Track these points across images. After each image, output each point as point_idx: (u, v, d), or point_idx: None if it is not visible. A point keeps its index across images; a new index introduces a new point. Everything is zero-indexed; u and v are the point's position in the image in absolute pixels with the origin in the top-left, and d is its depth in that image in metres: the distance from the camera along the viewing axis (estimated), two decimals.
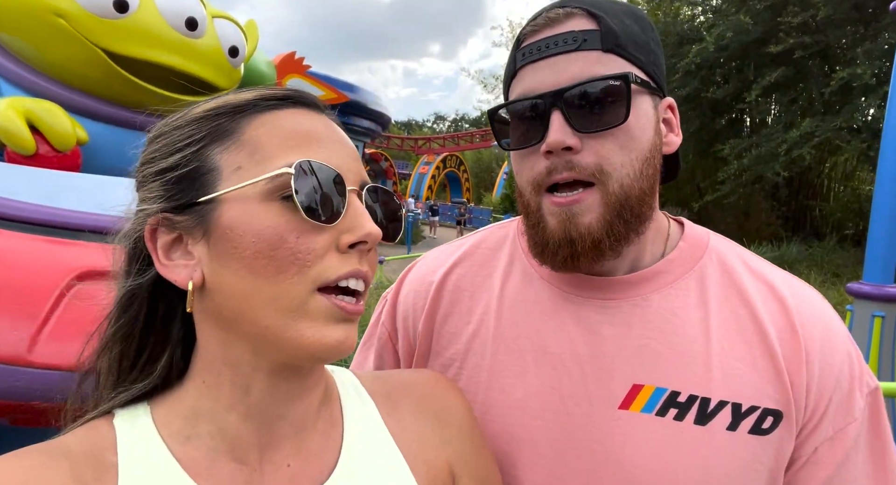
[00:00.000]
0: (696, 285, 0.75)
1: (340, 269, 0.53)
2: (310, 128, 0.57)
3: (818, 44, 10.56)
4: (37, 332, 1.57)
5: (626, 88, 0.69)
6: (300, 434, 0.59)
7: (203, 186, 0.54)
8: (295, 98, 0.58)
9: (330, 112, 0.61)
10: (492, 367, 0.78)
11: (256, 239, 0.51)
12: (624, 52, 0.71)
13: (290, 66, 10.09)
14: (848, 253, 11.68)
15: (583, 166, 0.70)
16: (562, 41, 0.71)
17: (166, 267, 0.55)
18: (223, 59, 3.04)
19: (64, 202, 2.09)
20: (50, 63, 2.61)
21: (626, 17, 0.74)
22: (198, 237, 0.54)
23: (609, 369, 0.73)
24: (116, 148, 2.96)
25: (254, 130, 0.55)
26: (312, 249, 0.52)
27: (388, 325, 0.91)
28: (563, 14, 0.72)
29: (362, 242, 0.54)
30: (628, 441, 0.70)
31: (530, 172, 0.74)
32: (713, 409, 0.68)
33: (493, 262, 0.87)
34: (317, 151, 0.55)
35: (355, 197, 0.56)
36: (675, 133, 0.79)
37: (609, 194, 0.70)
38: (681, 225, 0.84)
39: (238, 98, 0.58)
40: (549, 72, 0.71)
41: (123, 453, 0.53)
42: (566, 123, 0.69)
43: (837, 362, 0.70)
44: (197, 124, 0.57)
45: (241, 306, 0.53)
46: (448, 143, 31.15)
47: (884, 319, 3.63)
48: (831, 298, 7.55)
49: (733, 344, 0.71)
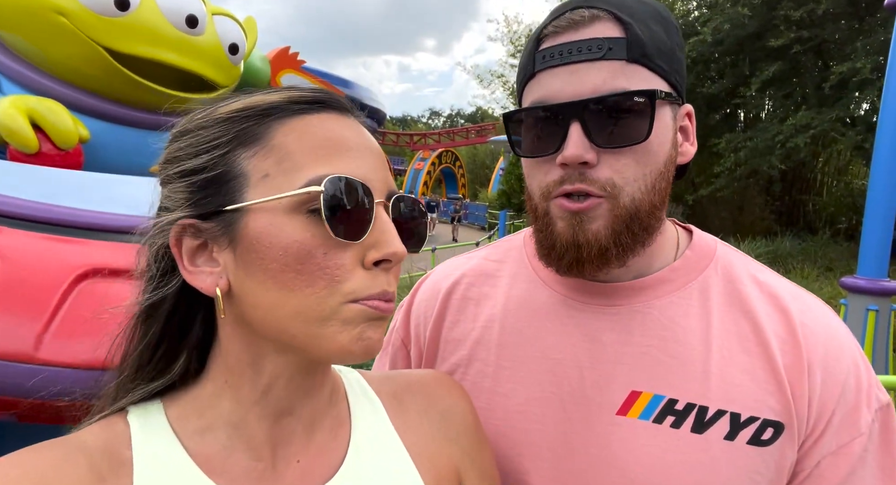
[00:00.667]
0: (699, 295, 0.75)
1: (371, 288, 0.53)
2: (339, 135, 0.55)
3: (815, 38, 10.58)
4: (43, 329, 1.58)
5: (650, 105, 0.67)
6: (309, 431, 0.60)
7: (229, 193, 0.53)
8: (325, 101, 0.57)
9: (359, 113, 0.60)
10: (495, 372, 0.80)
11: (283, 253, 0.51)
12: (649, 62, 0.69)
13: (284, 62, 10.00)
14: (841, 247, 11.75)
15: (596, 180, 0.69)
16: (585, 48, 0.68)
17: (192, 273, 0.54)
18: (223, 57, 3.04)
19: (67, 200, 2.09)
20: (51, 61, 2.61)
21: (652, 21, 0.70)
22: (223, 245, 0.53)
23: (608, 375, 0.73)
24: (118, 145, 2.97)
25: (283, 135, 0.53)
26: (341, 264, 0.52)
27: (401, 331, 0.93)
28: (588, 17, 0.68)
29: (387, 259, 0.53)
30: (625, 447, 0.70)
31: (543, 179, 0.73)
32: (711, 417, 0.68)
33: (499, 272, 0.88)
34: (346, 162, 0.53)
35: (382, 210, 0.55)
36: (690, 142, 0.77)
37: (619, 207, 0.69)
38: (689, 233, 0.83)
39: (267, 100, 0.55)
40: (569, 80, 0.68)
41: (138, 447, 0.54)
42: (585, 136, 0.67)
43: (842, 374, 0.68)
44: (224, 126, 0.54)
45: (266, 316, 0.53)
46: (443, 138, 31.10)
47: (878, 312, 3.67)
48: (825, 292, 7.60)
49: (734, 354, 0.70)
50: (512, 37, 19.58)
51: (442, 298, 0.88)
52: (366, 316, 0.53)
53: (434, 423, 0.68)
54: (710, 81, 11.93)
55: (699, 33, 11.04)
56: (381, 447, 0.63)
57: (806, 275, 8.75)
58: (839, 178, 14.91)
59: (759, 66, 10.90)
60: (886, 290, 3.67)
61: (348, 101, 0.59)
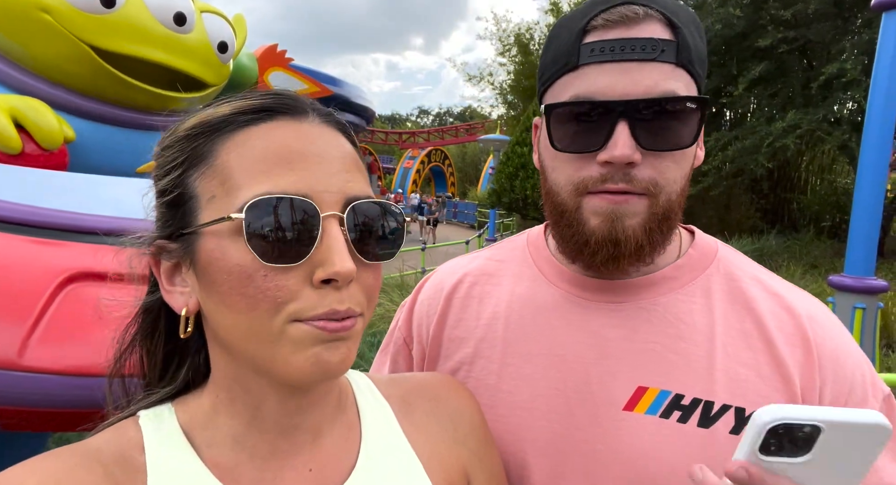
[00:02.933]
0: (702, 292, 0.76)
1: (316, 308, 0.50)
2: (284, 146, 0.52)
3: (800, 39, 10.71)
4: (27, 335, 1.54)
5: (700, 111, 0.68)
6: (317, 440, 0.60)
7: (186, 215, 0.53)
8: (274, 108, 0.54)
9: (318, 111, 0.57)
10: (500, 370, 0.80)
11: (228, 276, 0.50)
12: (692, 67, 0.69)
13: (272, 59, 9.93)
14: (825, 245, 11.92)
15: (639, 180, 0.69)
16: (640, 47, 0.67)
17: (168, 292, 0.56)
18: (212, 55, 2.99)
19: (52, 202, 2.05)
20: (35, 60, 2.55)
21: (693, 26, 0.71)
22: (188, 266, 0.54)
23: (614, 372, 0.73)
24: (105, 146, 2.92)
25: (226, 153, 0.52)
26: (284, 285, 0.50)
27: (404, 331, 0.94)
28: (641, 15, 0.67)
29: (334, 279, 0.50)
30: (633, 442, 0.70)
31: (577, 175, 0.72)
32: (716, 412, 0.69)
33: (502, 270, 0.89)
34: (288, 176, 0.50)
35: (333, 224, 0.51)
36: (700, 147, 0.78)
37: (657, 205, 0.70)
38: (691, 233, 0.85)
39: (216, 114, 0.54)
40: (620, 78, 0.67)
41: (151, 453, 0.54)
42: (632, 136, 0.67)
43: (850, 367, 0.71)
44: (180, 145, 0.55)
45: (227, 337, 0.53)
46: (433, 137, 31.09)
47: (865, 311, 3.72)
48: (810, 290, 7.68)
49: (738, 350, 0.71)
50: (501, 35, 19.62)
51: (445, 296, 0.89)
52: (317, 338, 0.51)
53: (442, 425, 0.69)
54: None
55: None
56: (391, 451, 0.63)
57: (791, 272, 8.85)
58: (823, 176, 15.12)
59: (746, 65, 11.00)
60: (873, 288, 3.72)
61: (306, 101, 0.57)
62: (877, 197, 3.79)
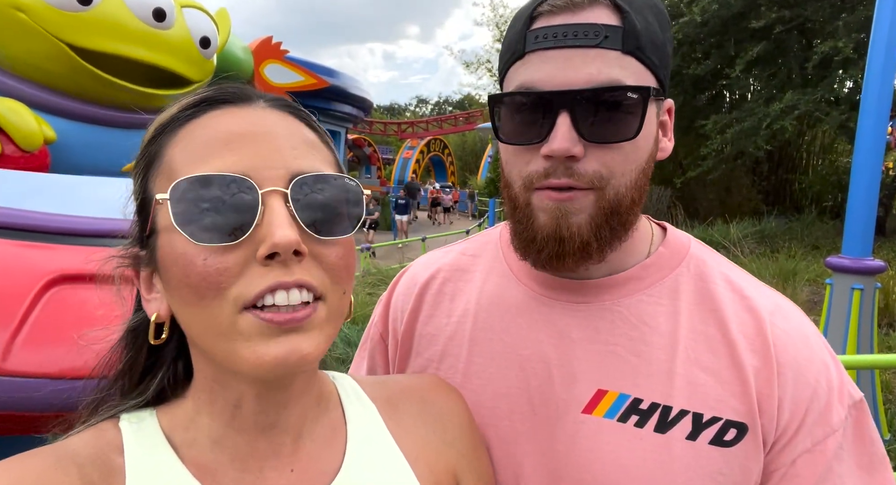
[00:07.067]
0: (669, 293, 0.74)
1: (259, 285, 0.48)
2: (223, 130, 0.52)
3: (797, 18, 10.58)
4: (11, 339, 1.54)
5: (643, 102, 0.66)
6: (298, 441, 0.59)
7: (147, 219, 0.54)
8: (215, 98, 0.54)
9: (266, 98, 0.56)
10: (466, 368, 0.79)
11: (175, 267, 0.50)
12: (642, 55, 0.66)
13: (267, 52, 9.87)
14: (827, 225, 11.87)
15: (582, 174, 0.66)
16: (581, 33, 0.64)
17: (147, 301, 0.57)
18: (194, 51, 2.96)
19: (33, 204, 2.03)
20: (11, 59, 2.52)
21: (649, 12, 0.68)
22: (156, 270, 0.55)
23: (575, 373, 0.73)
24: (87, 145, 2.89)
25: (171, 149, 0.53)
26: (225, 268, 0.48)
27: (380, 326, 0.93)
28: (588, 0, 0.66)
29: (276, 252, 0.48)
30: (590, 445, 0.70)
31: (524, 169, 0.70)
32: (674, 417, 0.68)
33: (474, 266, 0.87)
34: (225, 157, 0.50)
35: (275, 199, 0.49)
36: (668, 138, 0.76)
37: (604, 200, 0.68)
38: (663, 230, 0.83)
39: (165, 116, 0.56)
40: (562, 66, 0.65)
41: (130, 455, 0.53)
42: (573, 128, 0.65)
43: (813, 374, 0.68)
44: (142, 151, 0.56)
45: (190, 333, 0.54)
46: (431, 126, 30.94)
47: (862, 291, 3.69)
48: (812, 271, 7.67)
49: (700, 354, 0.70)
50: (498, 21, 19.41)
51: (417, 292, 0.88)
52: (266, 331, 0.49)
53: (430, 427, 0.68)
54: (695, 63, 11.90)
55: (685, 15, 10.99)
56: (377, 453, 0.63)
57: (793, 253, 8.82)
58: (824, 156, 15.03)
59: (744, 46, 10.90)
60: (870, 268, 3.69)
61: (252, 90, 0.57)
62: (873, 178, 3.76)
